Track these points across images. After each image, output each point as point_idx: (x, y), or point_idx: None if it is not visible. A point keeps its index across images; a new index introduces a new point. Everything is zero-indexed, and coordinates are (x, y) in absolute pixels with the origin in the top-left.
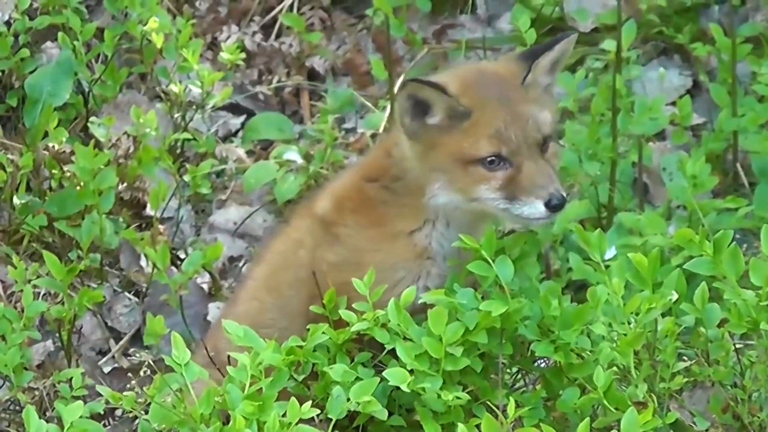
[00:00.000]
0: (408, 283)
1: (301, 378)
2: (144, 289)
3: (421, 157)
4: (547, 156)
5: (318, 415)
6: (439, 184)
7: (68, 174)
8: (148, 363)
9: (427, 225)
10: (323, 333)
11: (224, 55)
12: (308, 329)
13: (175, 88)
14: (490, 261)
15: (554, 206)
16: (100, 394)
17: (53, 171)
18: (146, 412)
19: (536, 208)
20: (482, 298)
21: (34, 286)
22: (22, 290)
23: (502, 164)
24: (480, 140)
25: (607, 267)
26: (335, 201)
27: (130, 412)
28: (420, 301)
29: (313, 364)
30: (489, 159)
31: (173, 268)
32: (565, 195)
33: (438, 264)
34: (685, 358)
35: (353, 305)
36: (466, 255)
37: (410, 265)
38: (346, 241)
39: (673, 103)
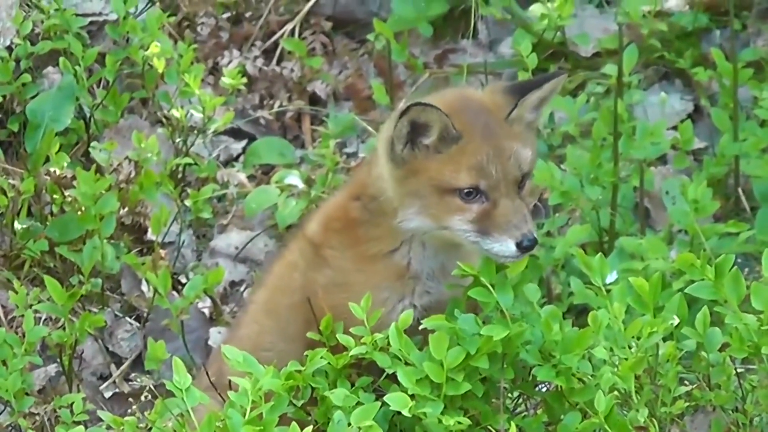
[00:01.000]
0: (393, 303)
1: (300, 403)
2: (145, 314)
3: (400, 182)
4: (523, 194)
5: None
6: (413, 209)
7: (69, 199)
8: (149, 388)
9: (404, 246)
10: (322, 358)
11: (226, 80)
12: (306, 354)
13: (176, 112)
14: (490, 287)
15: (525, 247)
16: (101, 419)
17: (54, 196)
18: None
19: (507, 246)
20: (483, 323)
21: (36, 311)
22: (23, 315)
23: (478, 197)
24: (461, 171)
25: (608, 291)
26: (323, 222)
27: None
28: (421, 327)
29: (313, 389)
30: (467, 191)
31: (174, 292)
32: (536, 237)
33: (423, 282)
34: (686, 382)
35: (350, 329)
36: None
37: (393, 284)
38: (332, 263)
39: (675, 128)
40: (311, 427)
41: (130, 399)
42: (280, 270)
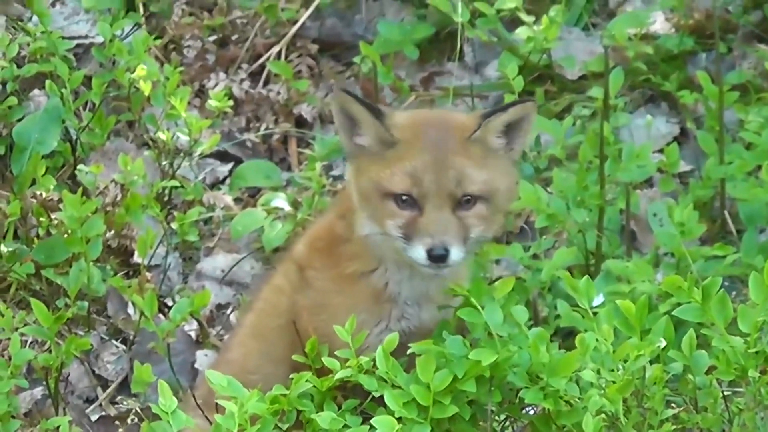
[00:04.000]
0: (370, 326)
1: (286, 427)
2: (131, 337)
3: (354, 180)
4: (463, 213)
5: None
6: (365, 214)
7: (56, 222)
8: (136, 411)
9: (381, 267)
10: (307, 381)
11: (212, 103)
12: (292, 377)
13: (162, 135)
14: (479, 308)
15: (435, 256)
16: None
17: (41, 219)
18: None
19: (419, 252)
20: (471, 345)
21: (22, 334)
22: (9, 338)
23: (411, 204)
24: (396, 175)
25: (595, 314)
26: (308, 242)
27: None
28: (409, 351)
29: (299, 413)
30: (402, 197)
31: (161, 315)
32: (449, 250)
33: (400, 306)
34: (673, 405)
35: (335, 352)
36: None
37: (371, 307)
38: (314, 284)
39: (661, 151)
40: None
41: (117, 422)
42: (267, 293)
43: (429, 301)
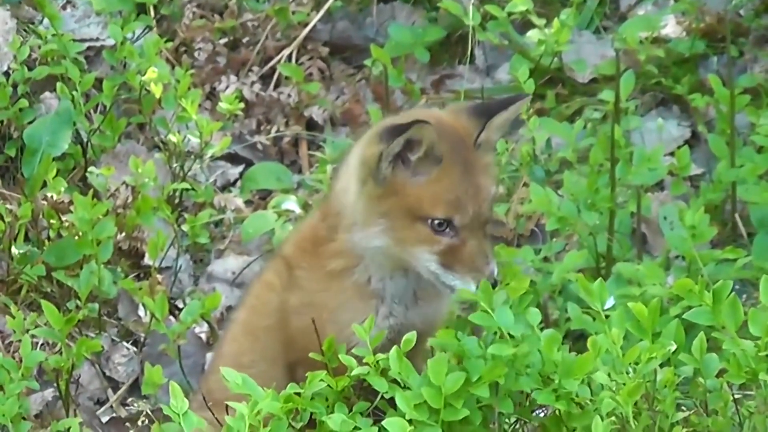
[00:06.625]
0: (357, 323)
1: (299, 425)
2: (142, 339)
3: (375, 201)
4: (487, 231)
5: None
6: (378, 228)
7: (67, 224)
8: (146, 413)
9: (362, 263)
10: (321, 380)
11: (223, 105)
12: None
13: (173, 138)
14: (490, 311)
15: None
16: None
17: (52, 221)
18: None
19: (468, 286)
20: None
21: (33, 336)
22: (20, 340)
23: (448, 231)
24: (439, 201)
25: (606, 317)
26: (296, 243)
27: None
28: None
29: (312, 413)
30: (439, 222)
31: (171, 317)
32: (496, 278)
33: (387, 304)
34: (683, 408)
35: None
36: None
37: (356, 304)
38: (302, 283)
39: (672, 154)
40: None
41: (127, 424)
42: (258, 290)
43: (415, 301)
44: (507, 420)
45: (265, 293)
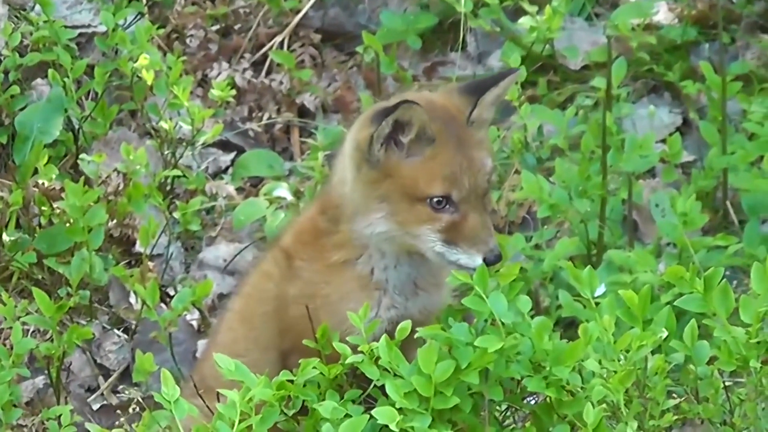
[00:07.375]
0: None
1: (291, 413)
2: (133, 326)
3: (371, 185)
4: (486, 205)
5: None
6: (379, 214)
7: (58, 211)
8: (137, 400)
9: (365, 254)
10: (314, 368)
11: (215, 92)
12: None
13: (165, 125)
14: (484, 296)
15: (491, 262)
16: (88, 431)
17: (43, 208)
18: None
19: (474, 260)
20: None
21: (23, 323)
22: (11, 327)
23: (448, 207)
24: (435, 179)
25: (597, 304)
26: (295, 234)
27: None
28: (416, 336)
29: (303, 400)
30: (437, 199)
31: (163, 305)
32: (500, 252)
33: (390, 295)
34: (674, 395)
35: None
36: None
37: (359, 295)
38: (302, 275)
39: (663, 141)
40: None
41: (118, 411)
42: (255, 279)
43: (415, 291)
44: (498, 407)
45: (262, 282)
